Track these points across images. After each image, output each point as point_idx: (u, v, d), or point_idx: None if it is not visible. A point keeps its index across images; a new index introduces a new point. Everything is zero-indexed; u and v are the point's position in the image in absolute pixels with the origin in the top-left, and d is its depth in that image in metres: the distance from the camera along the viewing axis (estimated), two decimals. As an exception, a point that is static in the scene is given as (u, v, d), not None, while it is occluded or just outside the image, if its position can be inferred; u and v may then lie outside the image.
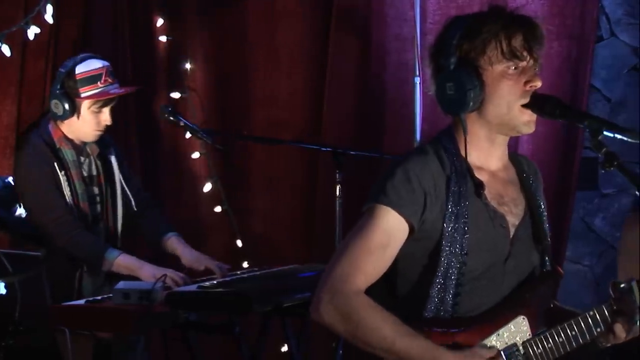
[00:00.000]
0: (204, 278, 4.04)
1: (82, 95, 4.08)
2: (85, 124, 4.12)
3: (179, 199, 5.20)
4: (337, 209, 4.15)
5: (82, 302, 3.74)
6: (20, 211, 4.12)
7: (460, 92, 2.48)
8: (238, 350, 3.85)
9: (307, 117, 5.27)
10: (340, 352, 4.13)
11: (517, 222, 2.58)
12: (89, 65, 4.12)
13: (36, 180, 4.03)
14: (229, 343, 3.92)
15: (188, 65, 5.15)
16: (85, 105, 4.10)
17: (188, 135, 4.96)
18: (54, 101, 4.08)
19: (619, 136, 2.38)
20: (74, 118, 4.10)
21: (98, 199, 4.22)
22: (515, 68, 2.49)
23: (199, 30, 5.21)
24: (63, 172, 4.05)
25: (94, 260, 4.00)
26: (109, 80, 4.13)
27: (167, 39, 5.11)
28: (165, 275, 3.80)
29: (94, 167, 4.22)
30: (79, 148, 4.17)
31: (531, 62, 2.51)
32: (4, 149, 4.74)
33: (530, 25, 2.52)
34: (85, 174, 4.17)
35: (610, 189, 5.81)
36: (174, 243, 4.28)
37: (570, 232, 5.25)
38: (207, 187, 5.14)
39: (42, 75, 4.82)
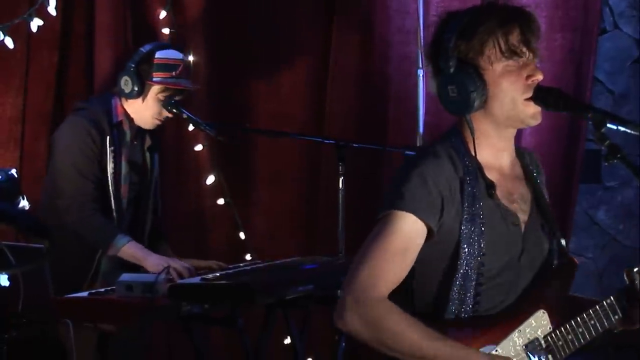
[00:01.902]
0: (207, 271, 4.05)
1: (154, 79, 4.11)
2: (148, 109, 4.15)
3: (182, 191, 5.20)
4: (340, 201, 4.16)
5: (85, 294, 3.75)
6: (24, 203, 4.12)
7: (463, 94, 2.47)
8: (241, 343, 3.86)
9: (309, 110, 5.27)
10: (343, 344, 4.14)
11: (526, 218, 2.58)
12: (169, 54, 4.19)
13: (75, 148, 4.05)
14: (232, 335, 3.92)
15: (191, 58, 5.14)
16: (153, 91, 4.13)
17: (191, 127, 4.96)
18: (124, 77, 4.11)
19: (622, 128, 2.37)
20: (139, 100, 4.13)
21: (136, 187, 4.24)
22: (515, 64, 2.49)
23: (202, 22, 5.20)
24: (112, 148, 4.06)
25: (101, 243, 4.01)
26: (184, 74, 4.17)
27: (170, 32, 5.10)
28: (168, 267, 3.80)
29: (141, 156, 4.25)
30: (135, 131, 4.19)
31: (530, 55, 2.51)
32: (7, 142, 4.73)
33: (526, 17, 2.51)
34: (133, 158, 4.18)
35: (613, 181, 5.81)
36: (165, 252, 4.28)
37: (573, 225, 5.25)
38: (210, 179, 5.14)
39: (50, 67, 4.81)
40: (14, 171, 4.18)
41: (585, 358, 2.72)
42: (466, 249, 2.46)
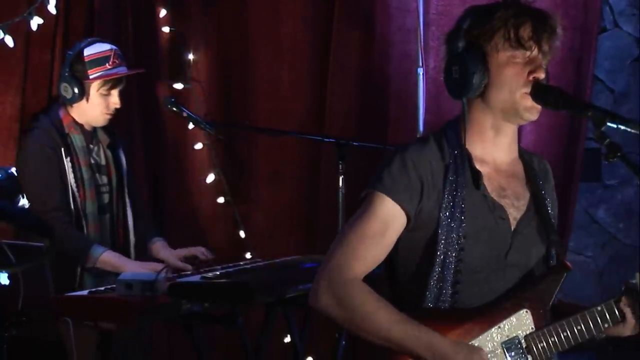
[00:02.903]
0: (207, 269, 4.05)
1: (91, 76, 4.09)
2: (95, 107, 4.13)
3: (182, 189, 5.20)
4: (340, 200, 4.16)
5: (85, 292, 3.75)
6: (23, 202, 4.12)
7: (464, 75, 2.50)
8: (241, 341, 3.85)
9: (310, 108, 5.27)
10: (343, 342, 4.14)
11: (518, 216, 2.58)
12: (97, 48, 4.14)
13: (35, 169, 4.04)
14: (232, 334, 3.92)
15: (191, 56, 5.14)
16: (94, 88, 4.11)
17: (191, 126, 4.96)
18: (63, 84, 4.10)
19: (622, 127, 2.37)
20: (83, 101, 4.11)
21: (106, 188, 4.22)
22: (521, 57, 2.50)
23: (202, 21, 5.20)
24: (69, 159, 4.05)
25: (78, 256, 3.99)
26: (117, 62, 4.14)
27: (170, 30, 5.10)
28: (167, 266, 3.80)
29: (103, 156, 4.22)
30: (89, 135, 4.18)
31: (538, 53, 2.52)
32: (7, 141, 4.74)
33: (543, 16, 2.53)
34: (93, 161, 4.17)
35: (613, 180, 5.81)
36: (159, 247, 4.28)
37: (573, 224, 5.25)
38: (210, 178, 5.14)
39: (47, 66, 4.81)
40: (13, 170, 4.19)
41: (584, 357, 2.72)
42: (444, 236, 2.47)
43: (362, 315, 2.42)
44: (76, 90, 4.08)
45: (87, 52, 4.11)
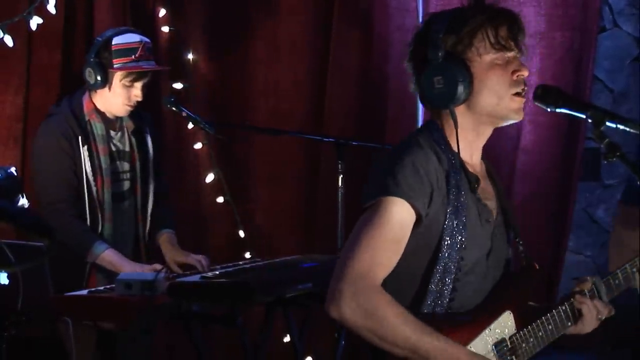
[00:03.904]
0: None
1: (115, 66, 4.07)
2: (116, 96, 4.10)
3: (181, 189, 5.20)
4: (339, 199, 4.16)
5: (84, 292, 3.75)
6: (23, 202, 4.12)
7: (450, 85, 2.47)
8: (240, 341, 3.86)
9: (309, 108, 5.27)
10: (343, 342, 4.14)
11: (494, 218, 2.59)
12: (127, 38, 4.12)
13: (48, 162, 4.04)
14: (232, 334, 3.92)
15: (190, 56, 5.14)
16: (117, 77, 4.08)
17: (190, 125, 4.96)
18: (87, 69, 4.08)
19: (621, 127, 2.38)
20: (106, 89, 4.09)
21: (128, 175, 4.21)
22: (501, 59, 2.50)
23: (201, 20, 5.20)
24: (86, 147, 4.03)
25: (79, 250, 3.99)
26: (145, 55, 4.12)
27: (170, 30, 5.10)
28: (165, 266, 3.81)
29: (127, 142, 4.21)
30: (111, 122, 4.16)
31: (517, 52, 2.52)
32: (7, 140, 4.74)
33: (513, 15, 2.53)
34: (114, 148, 4.16)
35: (612, 179, 5.81)
36: (164, 240, 4.27)
37: (572, 223, 5.25)
38: (210, 177, 5.14)
39: (51, 66, 4.81)
40: (13, 169, 4.18)
41: (582, 357, 2.73)
42: (448, 241, 2.45)
43: (389, 325, 2.35)
44: (99, 78, 4.06)
45: (116, 40, 4.08)
